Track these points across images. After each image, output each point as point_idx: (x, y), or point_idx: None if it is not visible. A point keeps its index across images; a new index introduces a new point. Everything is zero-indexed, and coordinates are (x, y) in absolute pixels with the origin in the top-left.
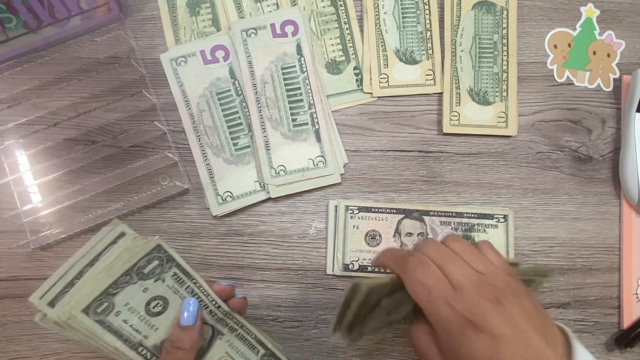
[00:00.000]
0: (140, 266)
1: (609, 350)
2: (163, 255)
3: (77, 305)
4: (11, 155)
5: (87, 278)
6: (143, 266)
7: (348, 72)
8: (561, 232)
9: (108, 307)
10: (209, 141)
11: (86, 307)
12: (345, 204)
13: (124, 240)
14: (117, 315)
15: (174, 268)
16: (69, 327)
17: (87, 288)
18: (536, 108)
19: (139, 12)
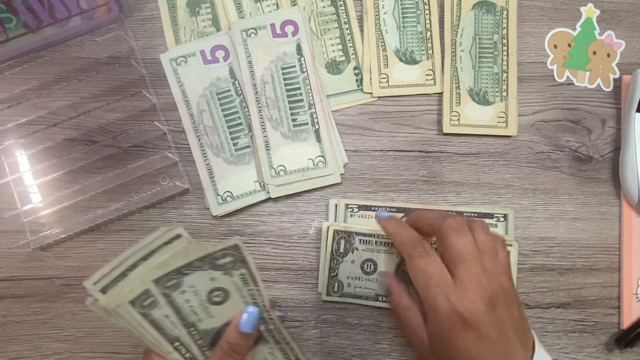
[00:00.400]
0: (215, 257)
1: (609, 350)
2: (237, 254)
3: (126, 296)
4: (11, 155)
5: (139, 271)
6: (217, 258)
7: (348, 72)
8: (561, 232)
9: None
10: (209, 141)
11: (134, 299)
12: (345, 202)
13: (179, 242)
14: (182, 294)
15: (244, 269)
16: (116, 314)
17: (137, 281)
18: (536, 108)
19: (139, 12)
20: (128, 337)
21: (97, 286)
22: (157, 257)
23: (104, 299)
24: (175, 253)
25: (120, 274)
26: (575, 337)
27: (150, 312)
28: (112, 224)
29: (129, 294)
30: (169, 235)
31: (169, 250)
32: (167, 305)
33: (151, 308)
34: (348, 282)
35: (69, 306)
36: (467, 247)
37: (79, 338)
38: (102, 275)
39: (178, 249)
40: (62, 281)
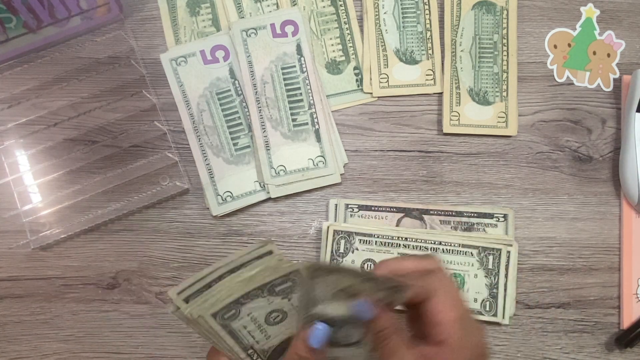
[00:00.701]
0: (274, 284)
1: (609, 350)
2: (298, 279)
3: (210, 307)
4: (11, 155)
5: (224, 283)
6: (277, 284)
7: (348, 72)
8: (561, 232)
9: (235, 314)
10: (209, 141)
11: (216, 311)
12: (345, 202)
13: (270, 258)
14: (239, 321)
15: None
16: (197, 323)
17: (223, 294)
18: (536, 108)
19: (139, 12)
20: (128, 337)
21: (181, 296)
22: (243, 272)
23: (186, 309)
24: (263, 269)
25: (205, 285)
26: (575, 337)
27: (231, 323)
28: (112, 224)
29: (213, 306)
30: (260, 251)
31: (257, 266)
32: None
33: (232, 320)
34: None
35: (69, 306)
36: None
37: (79, 338)
38: (186, 285)
39: (267, 265)
40: (62, 281)
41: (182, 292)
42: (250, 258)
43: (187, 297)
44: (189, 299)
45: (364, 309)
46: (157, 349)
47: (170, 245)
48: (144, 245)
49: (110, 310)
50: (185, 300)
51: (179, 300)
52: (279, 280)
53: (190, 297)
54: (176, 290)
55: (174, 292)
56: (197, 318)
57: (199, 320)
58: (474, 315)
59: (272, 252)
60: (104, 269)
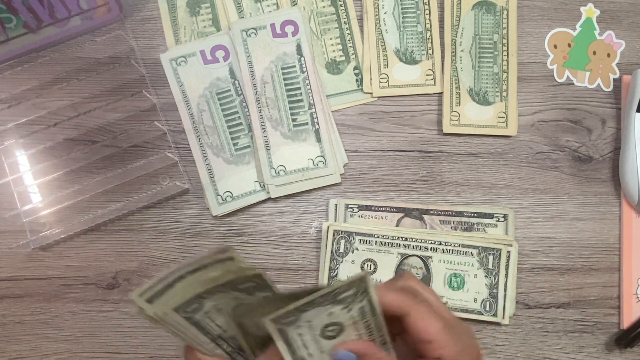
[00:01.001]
0: (337, 292)
1: (609, 350)
2: (362, 286)
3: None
4: (11, 155)
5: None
6: (341, 292)
7: (348, 72)
8: (561, 232)
9: (198, 308)
10: (209, 141)
11: (178, 305)
12: (345, 202)
13: (231, 263)
14: (206, 314)
15: (365, 302)
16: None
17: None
18: (536, 108)
19: (139, 12)
20: (128, 337)
21: (143, 297)
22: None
23: (150, 308)
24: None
25: (167, 284)
26: (575, 337)
27: (194, 316)
28: (112, 224)
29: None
30: (221, 256)
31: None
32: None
33: (194, 313)
34: None
35: (69, 306)
36: None
37: (79, 338)
38: (148, 287)
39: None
40: (62, 281)
41: (144, 294)
42: (211, 261)
43: (150, 297)
44: (152, 299)
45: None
46: (157, 349)
47: (170, 245)
48: (144, 245)
49: (110, 310)
50: (148, 301)
51: (142, 302)
52: (345, 288)
53: (154, 297)
54: (138, 292)
55: (136, 294)
56: (161, 315)
57: (163, 317)
58: (469, 313)
59: (233, 258)
60: (104, 269)
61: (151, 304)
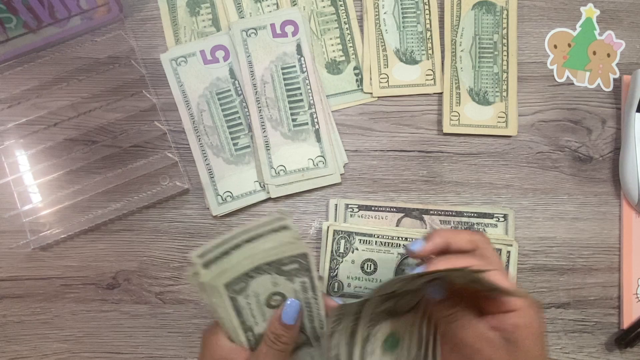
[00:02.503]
0: (283, 262)
1: (609, 350)
2: (305, 263)
3: (223, 277)
4: (11, 155)
5: (241, 253)
6: (285, 263)
7: (348, 72)
8: (561, 232)
9: (243, 288)
10: (209, 141)
11: (228, 282)
12: (345, 202)
13: (285, 234)
14: (246, 298)
15: (306, 277)
16: (210, 292)
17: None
18: (536, 108)
19: (139, 12)
20: (128, 337)
21: (201, 260)
22: (260, 244)
23: (205, 275)
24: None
25: (223, 251)
26: (575, 337)
27: (239, 296)
28: (112, 224)
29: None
30: (276, 224)
31: (275, 239)
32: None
33: (240, 293)
34: (348, 282)
35: (69, 306)
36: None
37: (79, 338)
38: (207, 250)
39: (284, 241)
40: (62, 281)
41: (202, 256)
42: (266, 229)
43: (206, 262)
44: (209, 264)
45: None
46: (157, 349)
47: (170, 245)
48: (144, 245)
49: (110, 310)
50: (205, 266)
51: (199, 266)
52: (287, 260)
53: (210, 263)
54: (197, 253)
55: (195, 255)
56: (214, 285)
57: (214, 288)
58: None
59: (287, 227)
60: (104, 269)
61: (207, 269)
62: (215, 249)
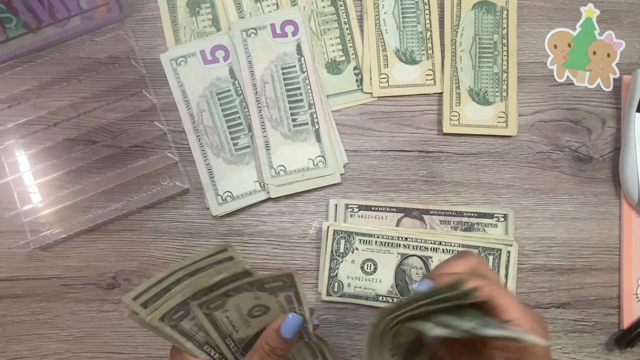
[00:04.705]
0: (264, 282)
1: (609, 350)
2: (289, 281)
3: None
4: (11, 155)
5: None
6: (267, 282)
7: (348, 72)
8: (561, 232)
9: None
10: (209, 141)
11: (162, 315)
12: (345, 202)
13: (231, 264)
14: (224, 312)
15: (291, 292)
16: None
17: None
18: (536, 108)
19: (139, 12)
20: (128, 337)
21: (136, 302)
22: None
23: (144, 313)
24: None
25: (163, 288)
26: (575, 337)
27: (180, 323)
28: (112, 224)
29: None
30: (220, 257)
31: (219, 271)
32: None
33: (180, 320)
34: (348, 282)
35: (69, 306)
36: None
37: (79, 338)
38: (143, 290)
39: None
40: (62, 281)
41: (138, 297)
42: (210, 262)
43: (145, 301)
44: (147, 303)
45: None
46: (157, 349)
47: (170, 245)
48: (144, 245)
49: (110, 310)
50: (143, 305)
51: (136, 306)
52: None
53: (149, 301)
54: (131, 296)
55: (129, 298)
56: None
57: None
58: None
59: (232, 258)
60: (104, 269)
61: (145, 309)
62: (153, 288)
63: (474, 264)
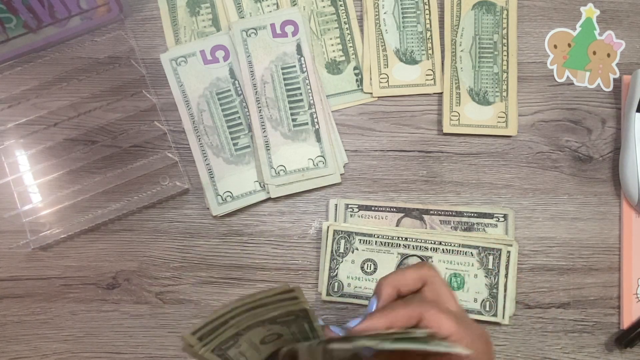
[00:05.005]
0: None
1: (609, 350)
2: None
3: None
4: (11, 155)
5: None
6: (279, 317)
7: (348, 72)
8: (561, 232)
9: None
10: (209, 141)
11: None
12: (345, 202)
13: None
14: (237, 349)
15: (305, 323)
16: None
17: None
18: (536, 108)
19: (139, 12)
20: (128, 337)
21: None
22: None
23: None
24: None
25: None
26: (575, 337)
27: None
28: (112, 224)
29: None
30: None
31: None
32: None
33: (227, 350)
34: (348, 282)
35: (69, 306)
36: None
37: (79, 338)
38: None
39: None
40: (62, 281)
41: (197, 332)
42: (273, 300)
43: (201, 335)
44: (203, 337)
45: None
46: (157, 349)
47: (170, 245)
48: (144, 245)
49: (110, 310)
50: (199, 339)
51: (193, 339)
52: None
53: (205, 334)
54: (190, 331)
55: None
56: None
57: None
58: (469, 313)
59: (297, 298)
60: (104, 269)
61: (201, 341)
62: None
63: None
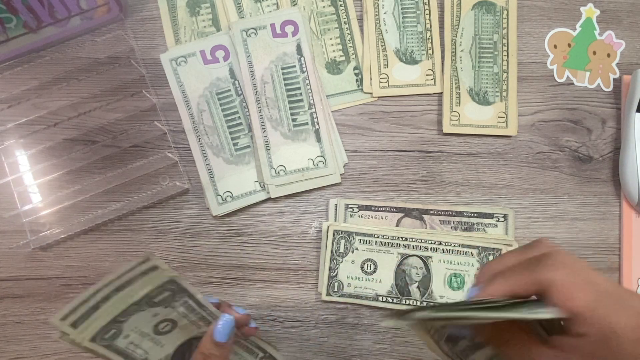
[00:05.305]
0: (150, 296)
1: None
2: (176, 287)
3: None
4: (11, 155)
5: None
6: (153, 296)
7: (348, 72)
8: (561, 232)
9: (116, 333)
10: (209, 141)
11: (94, 334)
12: (345, 202)
13: (156, 274)
14: (125, 338)
15: (186, 298)
16: (86, 349)
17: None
18: (536, 108)
19: (139, 12)
20: None
21: (65, 322)
22: (131, 291)
23: (75, 334)
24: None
25: (92, 307)
26: None
27: (114, 342)
28: (112, 224)
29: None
30: (143, 267)
31: (146, 283)
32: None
33: (113, 339)
34: (348, 282)
35: None
36: None
37: None
38: (70, 310)
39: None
40: (62, 281)
41: (66, 318)
42: (135, 274)
43: (74, 321)
44: (76, 323)
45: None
46: None
47: (170, 245)
48: (144, 245)
49: None
50: (72, 326)
51: (65, 326)
52: (156, 292)
53: (78, 321)
54: (58, 316)
55: (57, 319)
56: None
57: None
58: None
59: (157, 267)
60: (104, 269)
61: (76, 329)
62: (80, 307)
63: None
